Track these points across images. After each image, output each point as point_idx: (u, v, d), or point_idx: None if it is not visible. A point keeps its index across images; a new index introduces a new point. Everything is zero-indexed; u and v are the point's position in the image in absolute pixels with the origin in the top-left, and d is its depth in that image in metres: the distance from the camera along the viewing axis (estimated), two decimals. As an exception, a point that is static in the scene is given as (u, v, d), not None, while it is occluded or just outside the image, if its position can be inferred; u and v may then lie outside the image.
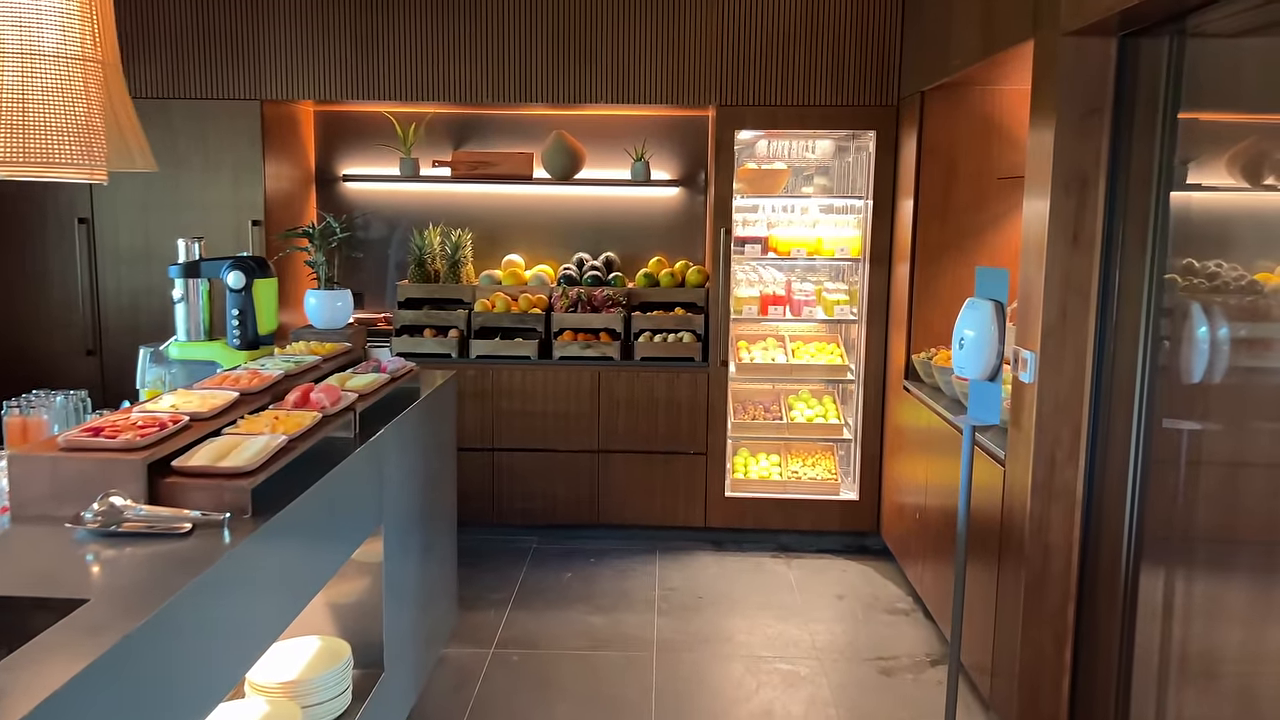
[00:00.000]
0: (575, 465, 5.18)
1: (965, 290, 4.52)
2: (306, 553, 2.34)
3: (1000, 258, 4.57)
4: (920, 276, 4.60)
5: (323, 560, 2.45)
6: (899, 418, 4.80)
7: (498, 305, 5.25)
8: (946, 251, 4.57)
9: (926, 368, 4.41)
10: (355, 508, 2.69)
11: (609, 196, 5.61)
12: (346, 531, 2.63)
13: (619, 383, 5.12)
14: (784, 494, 5.22)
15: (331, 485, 2.46)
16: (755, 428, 5.28)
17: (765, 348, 5.41)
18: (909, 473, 4.60)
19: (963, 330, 3.10)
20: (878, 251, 5.01)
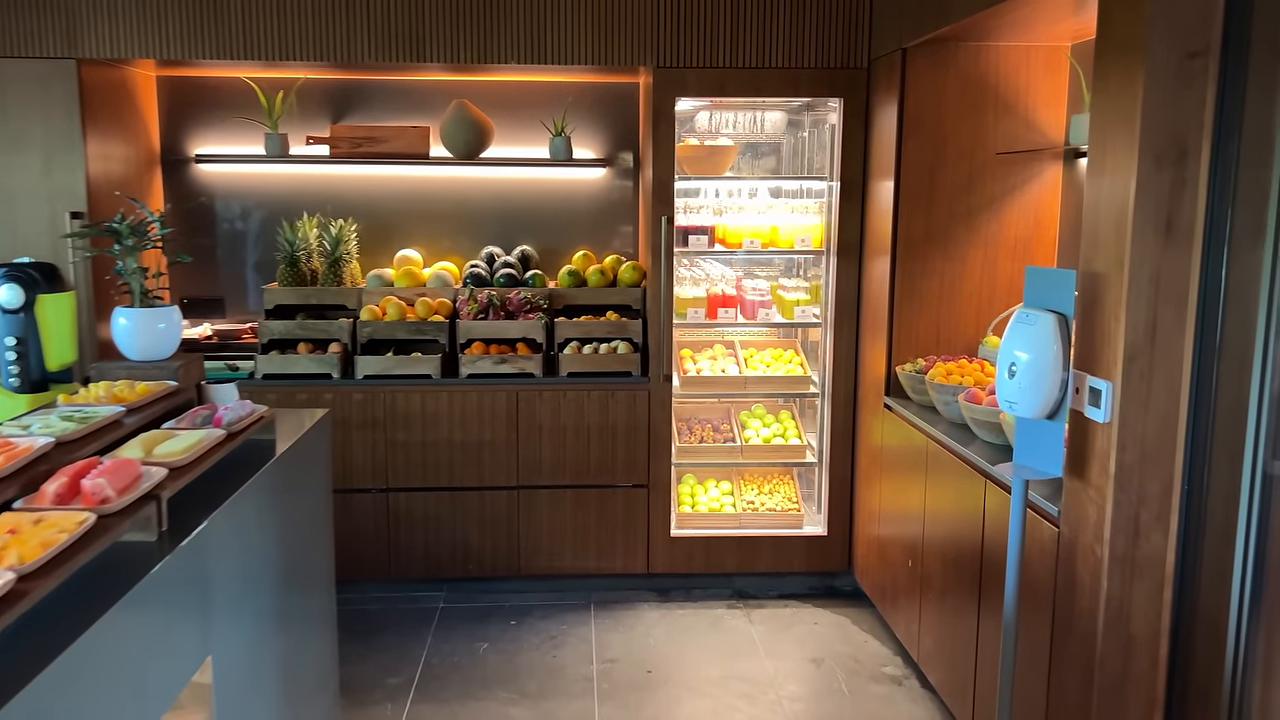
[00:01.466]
0: (490, 506, 4.28)
1: (957, 290, 3.77)
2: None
3: (1000, 249, 3.83)
4: (902, 273, 3.83)
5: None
6: (876, 439, 4.03)
7: (390, 313, 4.31)
8: (934, 243, 3.81)
9: (916, 383, 3.64)
10: (158, 651, 1.76)
11: (523, 179, 4.70)
12: (144, 690, 1.70)
13: (542, 405, 4.23)
14: (739, 529, 4.42)
15: (108, 634, 1.53)
16: (704, 451, 4.46)
17: (713, 357, 4.59)
18: (893, 505, 3.84)
19: (1012, 353, 2.32)
20: (846, 243, 4.22)
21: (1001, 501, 2.81)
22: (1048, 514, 2.54)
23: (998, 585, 2.86)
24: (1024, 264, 3.84)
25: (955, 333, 3.86)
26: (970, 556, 3.05)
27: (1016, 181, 3.79)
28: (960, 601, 3.13)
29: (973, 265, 3.83)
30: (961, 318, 3.86)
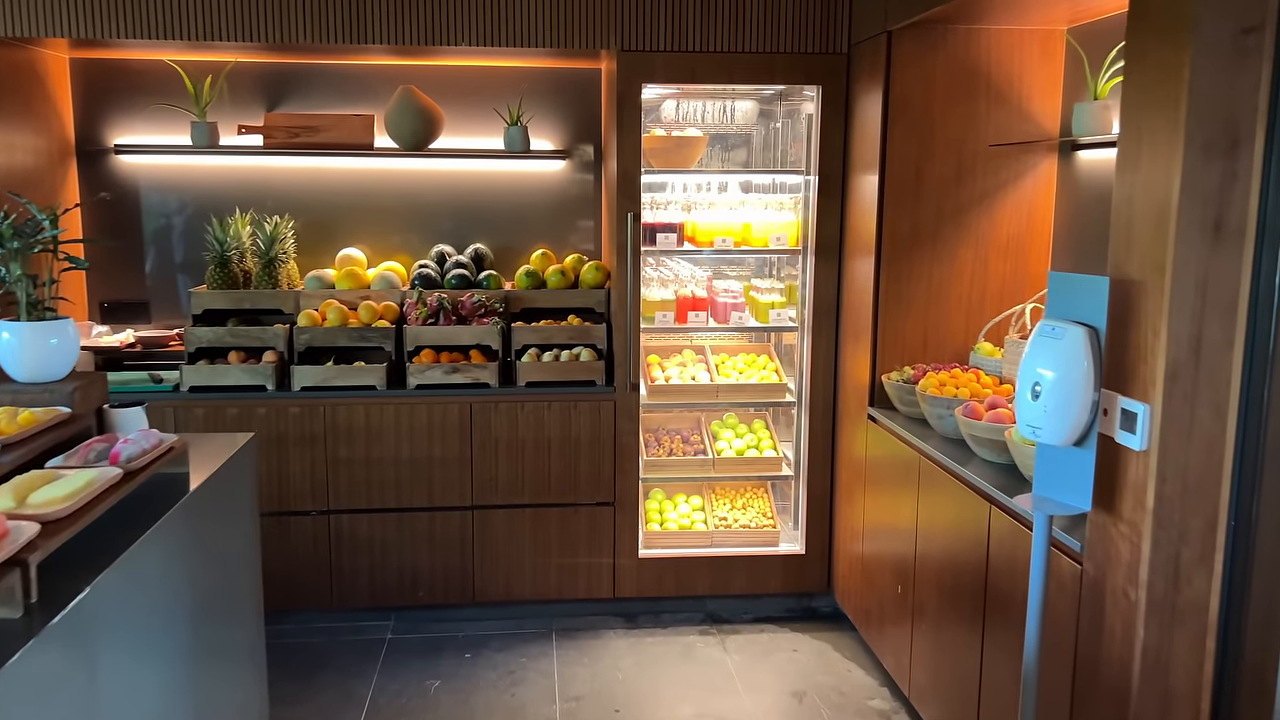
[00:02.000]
0: (442, 527, 3.94)
1: (946, 292, 3.50)
2: None
3: (992, 249, 3.56)
4: (888, 274, 3.55)
5: None
6: (859, 452, 3.76)
7: (330, 318, 3.95)
8: (921, 242, 3.54)
9: (905, 394, 3.37)
10: (19, 760, 1.42)
11: (476, 172, 4.36)
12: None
13: (498, 417, 3.90)
14: (711, 549, 4.12)
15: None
16: (674, 465, 4.15)
17: (683, 363, 4.29)
18: (879, 523, 3.56)
19: (1035, 370, 2.04)
20: (824, 241, 3.94)
21: (1009, 529, 2.55)
22: (1067, 548, 2.27)
23: (1004, 618, 2.59)
24: (1016, 264, 3.58)
25: (944, 338, 3.60)
26: (972, 586, 2.77)
27: (1009, 176, 3.53)
28: (960, 634, 2.86)
29: (962, 266, 3.56)
30: (950, 322, 3.59)
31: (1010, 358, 3.21)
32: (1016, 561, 2.51)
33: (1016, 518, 2.53)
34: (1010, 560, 2.55)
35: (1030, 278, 3.58)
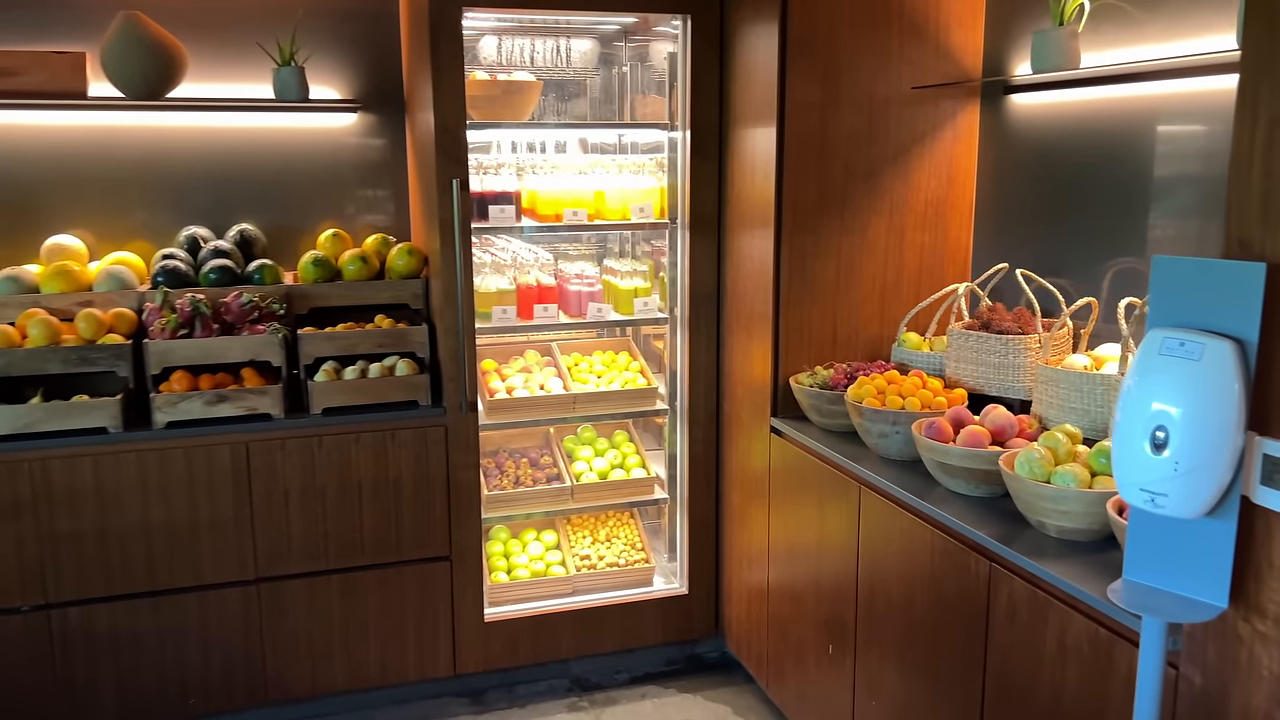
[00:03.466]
0: (217, 611, 2.92)
1: (858, 272, 2.85)
2: None
3: (908, 217, 2.92)
4: (791, 252, 2.83)
5: None
6: (755, 468, 3.05)
7: (34, 334, 2.81)
8: (829, 211, 2.84)
9: (824, 403, 2.67)
10: None
11: (237, 129, 3.29)
12: None
13: (286, 459, 2.91)
14: (574, 598, 3.32)
15: None
16: (523, 499, 3.30)
17: (526, 369, 3.43)
18: (791, 559, 2.87)
19: (1150, 407, 1.34)
20: (701, 213, 3.17)
21: (1025, 597, 1.88)
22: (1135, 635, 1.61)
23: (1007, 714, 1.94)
24: (935, 235, 2.95)
25: (857, 328, 2.93)
26: (958, 668, 2.11)
27: (926, 127, 2.89)
28: (906, 692, 2.21)
29: (875, 239, 2.90)
30: (864, 308, 2.92)
31: (960, 354, 2.57)
32: (1039, 645, 1.85)
33: (1035, 582, 1.87)
34: (1030, 641, 1.89)
35: (951, 251, 2.97)
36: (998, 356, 2.48)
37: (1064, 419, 2.24)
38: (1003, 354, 2.47)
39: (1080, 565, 1.82)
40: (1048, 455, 1.95)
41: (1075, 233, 2.60)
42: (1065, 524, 1.91)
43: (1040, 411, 2.30)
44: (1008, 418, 2.22)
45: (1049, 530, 1.95)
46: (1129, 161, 2.41)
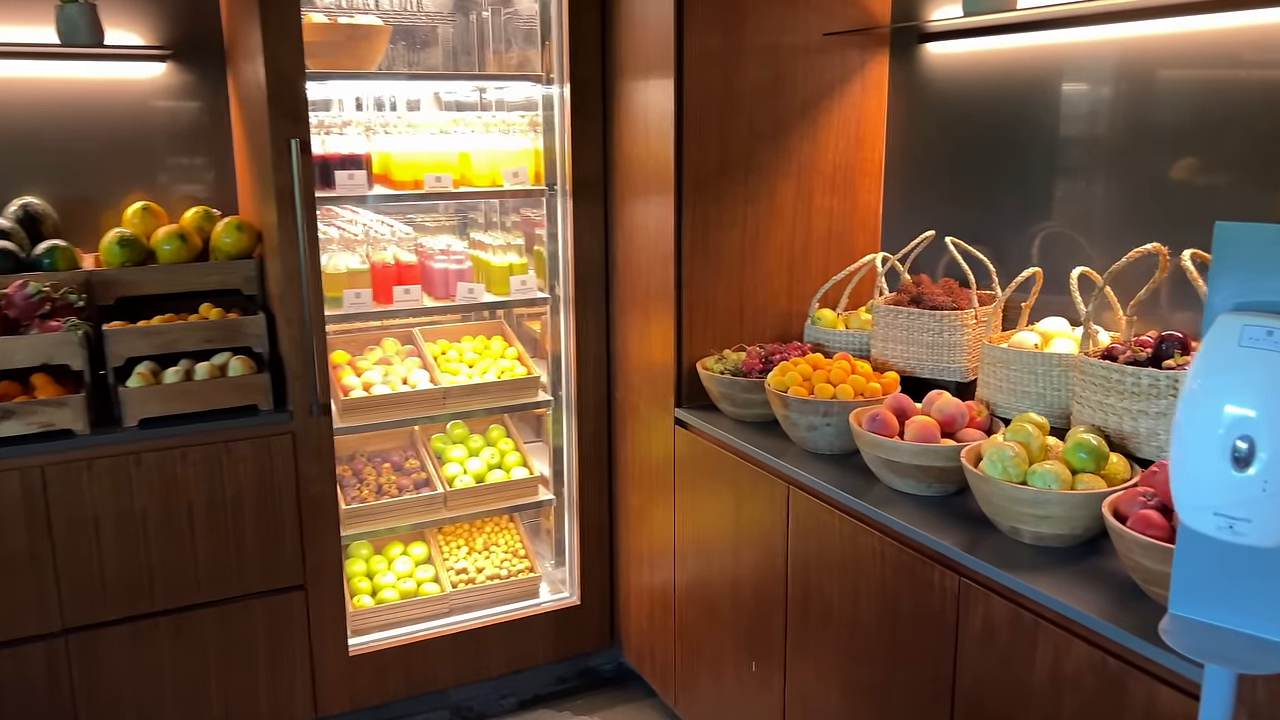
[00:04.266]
0: (13, 674, 2.38)
1: (765, 243, 2.58)
2: None
3: (816, 180, 2.64)
4: (693, 220, 2.50)
5: None
6: (656, 462, 2.73)
7: None
8: (732, 175, 2.52)
9: (738, 391, 2.36)
10: None
11: (16, 81, 2.69)
12: None
13: (95, 483, 2.38)
14: (451, 619, 2.92)
15: None
16: (388, 511, 2.87)
17: (385, 360, 2.98)
18: (704, 564, 2.57)
19: (1222, 410, 1.08)
20: (585, 177, 2.80)
21: (1006, 616, 1.63)
22: (1182, 682, 1.38)
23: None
24: (845, 200, 2.68)
25: (765, 304, 2.63)
26: (924, 697, 1.86)
27: (834, 79, 2.60)
28: None
29: (783, 205, 2.60)
30: (772, 282, 2.63)
31: (888, 333, 2.31)
32: (1025, 672, 1.60)
33: (1019, 600, 1.63)
34: (1013, 669, 1.64)
35: (861, 217, 2.71)
36: (931, 335, 2.23)
37: (1015, 404, 2.00)
38: (937, 332, 2.22)
39: (1068, 578, 1.58)
40: (1021, 452, 1.70)
41: (997, 197, 2.38)
42: (1044, 530, 1.67)
43: (987, 396, 2.07)
44: (956, 405, 1.97)
45: (1023, 537, 1.70)
46: (1058, 116, 2.19)
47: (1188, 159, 1.96)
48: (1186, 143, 1.96)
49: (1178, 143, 1.97)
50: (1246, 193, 1.88)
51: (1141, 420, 1.75)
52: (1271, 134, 1.81)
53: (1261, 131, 1.83)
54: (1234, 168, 1.89)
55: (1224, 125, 1.89)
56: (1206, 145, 1.93)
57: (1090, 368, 1.82)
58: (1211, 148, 1.92)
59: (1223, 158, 1.90)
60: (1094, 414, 1.83)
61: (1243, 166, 1.87)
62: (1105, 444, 1.70)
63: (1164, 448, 1.73)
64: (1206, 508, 1.10)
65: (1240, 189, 1.89)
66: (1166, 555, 1.40)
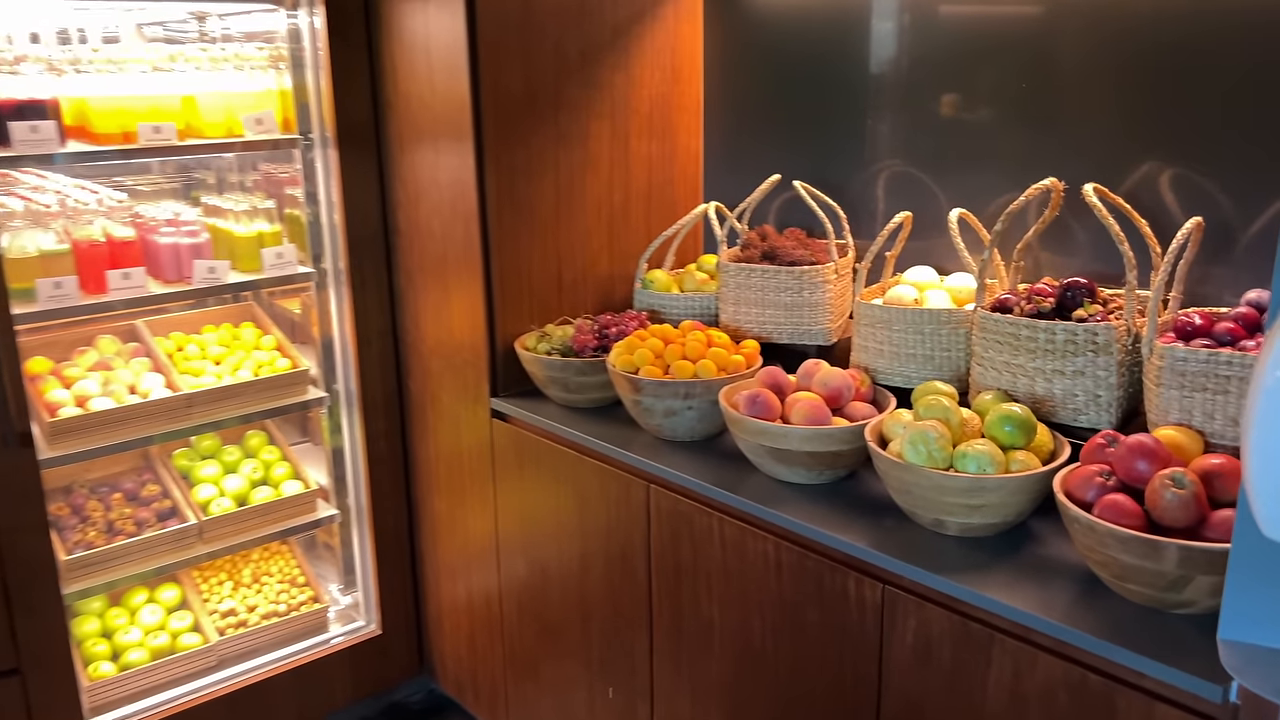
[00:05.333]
0: None
1: (580, 195, 2.26)
2: None
3: (633, 120, 2.29)
4: (497, 170, 2.07)
5: None
6: (469, 461, 2.31)
7: None
8: (540, 115, 2.11)
9: (572, 374, 1.99)
10: None
11: None
12: None
13: None
14: (221, 674, 2.38)
15: None
16: (125, 555, 2.26)
17: (105, 366, 2.34)
18: (539, 572, 2.19)
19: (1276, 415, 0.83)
20: (351, 123, 2.28)
21: (948, 628, 1.38)
22: (1199, 708, 1.16)
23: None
24: (664, 144, 2.35)
25: (585, 268, 2.26)
26: (843, 715, 1.59)
27: (646, 2, 2.24)
28: None
29: (598, 150, 2.23)
30: (591, 241, 2.26)
31: (738, 294, 2.00)
32: (976, 692, 1.36)
33: (962, 609, 1.38)
34: (959, 687, 1.40)
35: (682, 165, 2.39)
36: (790, 294, 1.95)
37: (899, 370, 1.76)
38: (796, 290, 1.94)
39: (1014, 576, 1.35)
40: (946, 433, 1.44)
41: (831, 136, 2.13)
42: (976, 520, 1.42)
43: (865, 362, 1.81)
44: (841, 377, 1.70)
45: (949, 529, 1.46)
46: (895, 46, 1.95)
47: (1037, 91, 1.78)
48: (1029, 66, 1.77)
49: (1026, 67, 1.78)
50: (1065, 127, 1.71)
51: (1057, 381, 1.54)
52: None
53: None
54: (1073, 101, 1.72)
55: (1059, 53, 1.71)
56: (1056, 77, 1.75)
57: (995, 324, 1.59)
58: (1054, 78, 1.74)
59: (1073, 91, 1.73)
60: (999, 377, 1.60)
61: (1093, 101, 1.70)
62: (1031, 414, 1.48)
63: (1082, 410, 1.54)
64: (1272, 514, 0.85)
65: (1071, 126, 1.72)
66: (1150, 550, 1.19)
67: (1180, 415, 1.40)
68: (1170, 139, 1.67)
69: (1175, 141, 1.66)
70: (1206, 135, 1.62)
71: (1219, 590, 1.19)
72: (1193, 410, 1.39)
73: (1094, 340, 1.50)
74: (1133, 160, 1.71)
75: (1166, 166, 1.67)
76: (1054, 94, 1.79)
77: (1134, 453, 1.29)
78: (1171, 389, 1.40)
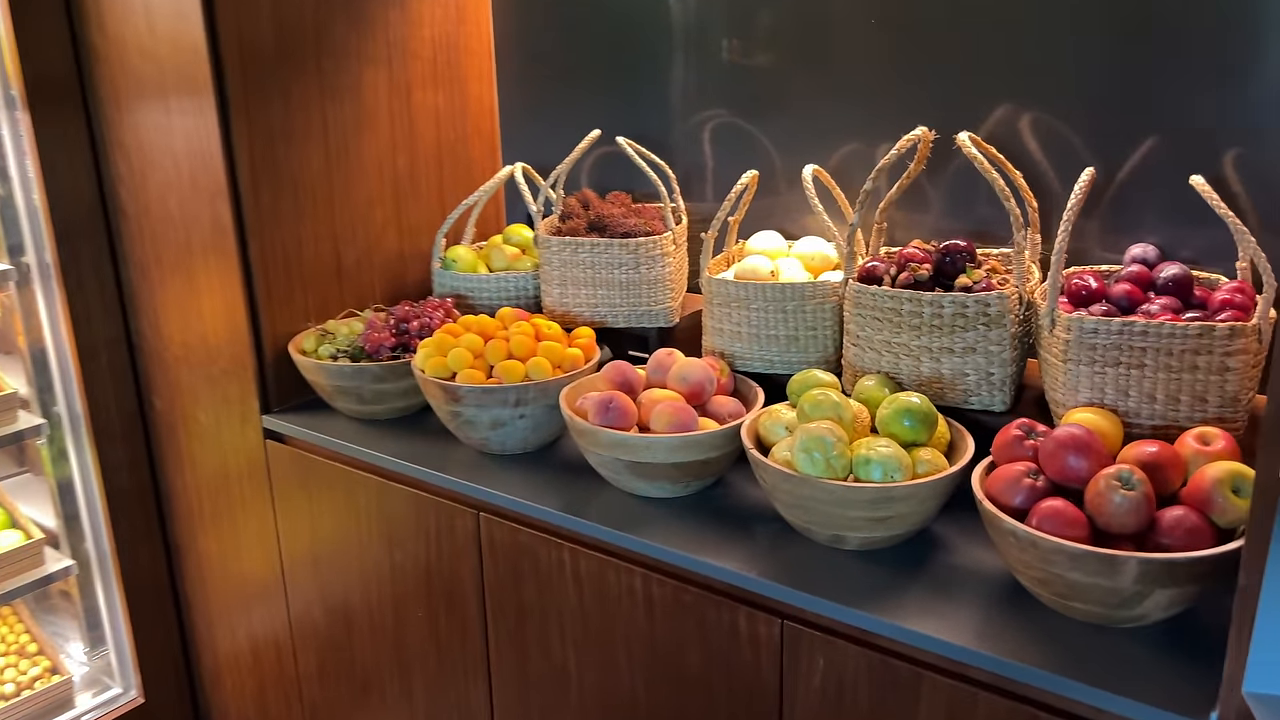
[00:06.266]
0: None
1: (360, 160, 1.89)
2: None
3: (415, 67, 1.94)
4: (250, 133, 1.65)
5: None
6: (239, 490, 1.89)
7: None
8: (299, 61, 1.70)
9: (369, 380, 1.62)
10: None
11: None
12: None
13: None
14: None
15: None
16: None
17: None
18: (340, 620, 1.83)
19: None
20: (44, 77, 1.77)
21: (871, 670, 1.17)
22: None
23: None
24: (453, 96, 1.99)
25: (368, 248, 1.88)
26: None
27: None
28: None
29: (375, 104, 1.84)
30: (374, 215, 1.88)
31: (564, 273, 1.69)
32: None
33: (883, 647, 1.17)
34: None
35: (475, 116, 2.04)
36: (627, 271, 1.67)
37: (760, 354, 1.53)
38: (633, 266, 1.66)
39: (933, 598, 1.15)
40: (844, 436, 1.22)
41: (643, 81, 1.87)
42: (881, 533, 1.22)
43: (719, 346, 1.56)
44: (700, 368, 1.44)
45: (848, 544, 1.24)
46: (750, -30, 1.71)
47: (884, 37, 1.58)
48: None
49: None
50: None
51: (945, 360, 1.36)
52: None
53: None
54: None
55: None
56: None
57: (872, 299, 1.38)
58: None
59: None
60: (878, 358, 1.40)
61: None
62: (930, 403, 1.28)
63: (973, 391, 1.36)
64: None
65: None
66: (1107, 567, 1.01)
67: (1091, 394, 1.25)
68: (1023, 81, 1.51)
69: (1029, 84, 1.51)
70: (1060, 75, 1.48)
71: (1175, 602, 1.04)
72: (1105, 388, 1.24)
73: (986, 312, 1.32)
74: (985, 105, 1.55)
75: (1023, 111, 1.52)
76: (899, 32, 1.59)
77: (1065, 447, 1.11)
78: (1081, 365, 1.24)
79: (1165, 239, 1.47)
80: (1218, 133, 1.38)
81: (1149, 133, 1.43)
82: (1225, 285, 1.31)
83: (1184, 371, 1.20)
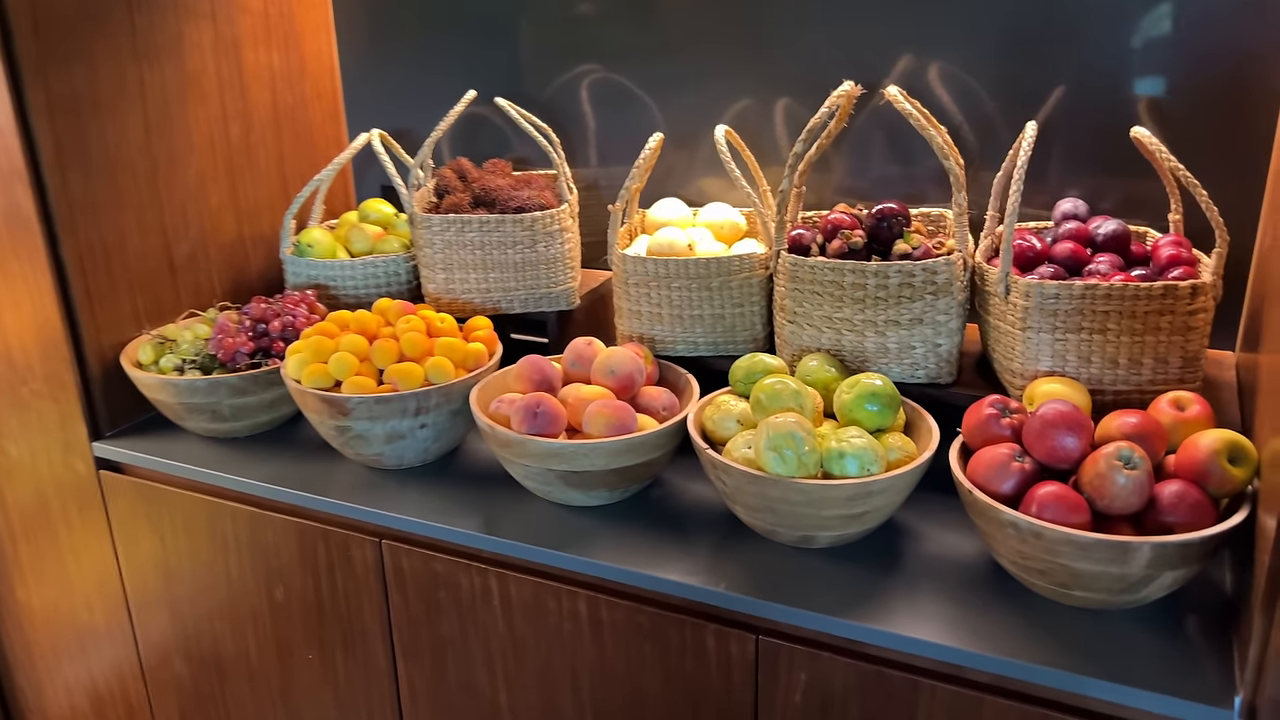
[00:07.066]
0: None
1: (186, 133, 1.63)
2: None
3: (247, 20, 1.65)
4: (49, 104, 1.35)
5: None
6: (58, 530, 1.60)
7: None
8: (105, 19, 1.40)
9: (229, 395, 1.37)
10: None
11: None
12: None
13: None
14: None
15: None
16: None
17: None
18: (210, 665, 1.58)
19: None
20: None
21: (861, 682, 1.08)
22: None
23: None
24: (288, 55, 1.73)
25: (204, 236, 1.60)
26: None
27: None
28: None
29: (200, 66, 1.56)
30: (207, 197, 1.60)
31: (448, 255, 1.49)
32: None
33: (873, 657, 1.08)
34: None
35: (314, 77, 1.79)
36: (523, 250, 1.48)
37: (683, 336, 1.39)
38: (530, 245, 1.48)
39: (908, 594, 1.07)
40: (811, 428, 1.10)
41: (505, 32, 1.68)
42: (853, 530, 1.12)
43: (637, 330, 1.41)
44: (627, 358, 1.29)
45: (818, 543, 1.14)
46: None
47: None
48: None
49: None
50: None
51: (891, 333, 1.27)
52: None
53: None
54: None
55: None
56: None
57: (810, 272, 1.27)
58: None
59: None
60: (818, 335, 1.30)
61: None
62: (891, 383, 1.18)
63: (920, 364, 1.28)
64: None
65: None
66: (1118, 554, 0.95)
67: (1053, 363, 1.19)
68: (919, 30, 1.43)
69: (925, 34, 1.43)
70: (958, 26, 1.41)
71: (1179, 581, 0.99)
72: (1067, 355, 1.18)
73: (934, 280, 1.23)
74: (886, 56, 1.46)
75: (928, 62, 1.44)
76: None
77: (1054, 426, 1.04)
78: (1043, 332, 1.18)
79: (1086, 193, 1.43)
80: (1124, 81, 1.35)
81: (1056, 82, 1.39)
82: (1162, 240, 1.28)
83: (1147, 334, 1.16)
